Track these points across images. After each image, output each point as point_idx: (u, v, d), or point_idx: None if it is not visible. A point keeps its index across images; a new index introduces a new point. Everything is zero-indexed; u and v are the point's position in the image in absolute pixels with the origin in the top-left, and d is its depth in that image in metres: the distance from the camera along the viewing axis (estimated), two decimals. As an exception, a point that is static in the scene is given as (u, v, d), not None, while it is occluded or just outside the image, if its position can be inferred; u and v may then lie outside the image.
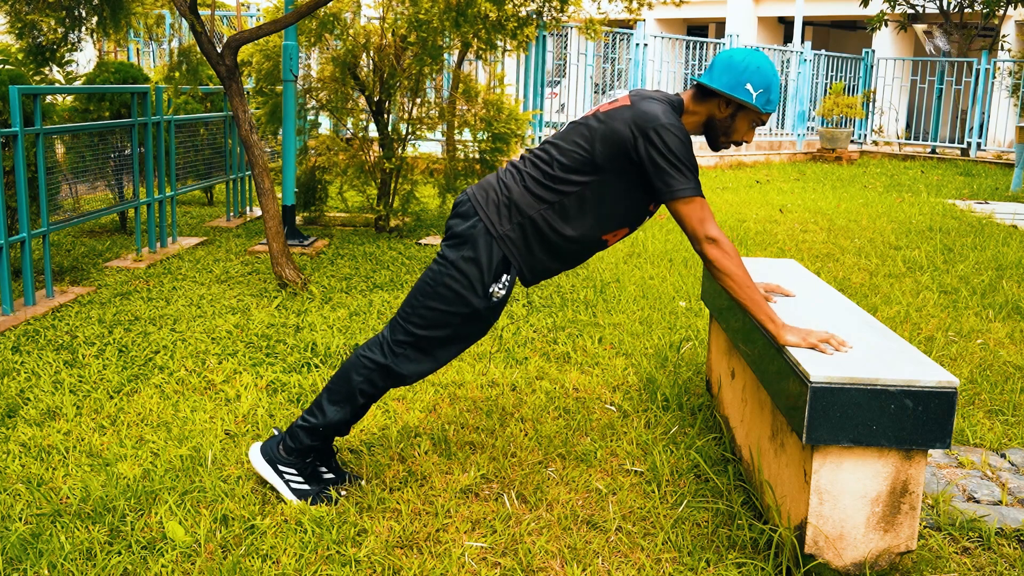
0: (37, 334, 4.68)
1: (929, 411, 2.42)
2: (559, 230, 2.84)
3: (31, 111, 5.17)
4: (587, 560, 2.69)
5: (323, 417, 2.96)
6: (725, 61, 2.80)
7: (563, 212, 2.82)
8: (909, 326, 5.16)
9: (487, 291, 2.84)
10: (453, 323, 2.88)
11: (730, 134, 2.88)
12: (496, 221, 2.82)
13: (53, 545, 2.66)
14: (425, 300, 2.88)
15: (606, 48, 14.43)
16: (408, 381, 2.97)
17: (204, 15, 7.08)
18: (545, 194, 2.82)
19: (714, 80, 2.80)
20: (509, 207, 2.83)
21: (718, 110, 2.84)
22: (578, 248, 2.91)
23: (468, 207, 2.87)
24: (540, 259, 2.89)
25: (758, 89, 2.77)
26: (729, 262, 2.68)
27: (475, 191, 2.90)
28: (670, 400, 3.91)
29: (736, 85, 2.77)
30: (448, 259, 2.85)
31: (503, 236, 2.82)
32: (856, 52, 19.82)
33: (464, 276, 2.82)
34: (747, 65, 2.77)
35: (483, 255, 2.82)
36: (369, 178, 7.92)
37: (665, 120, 2.70)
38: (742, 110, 2.83)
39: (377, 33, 7.69)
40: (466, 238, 2.83)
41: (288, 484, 2.98)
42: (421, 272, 6.25)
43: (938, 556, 2.76)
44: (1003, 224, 9.08)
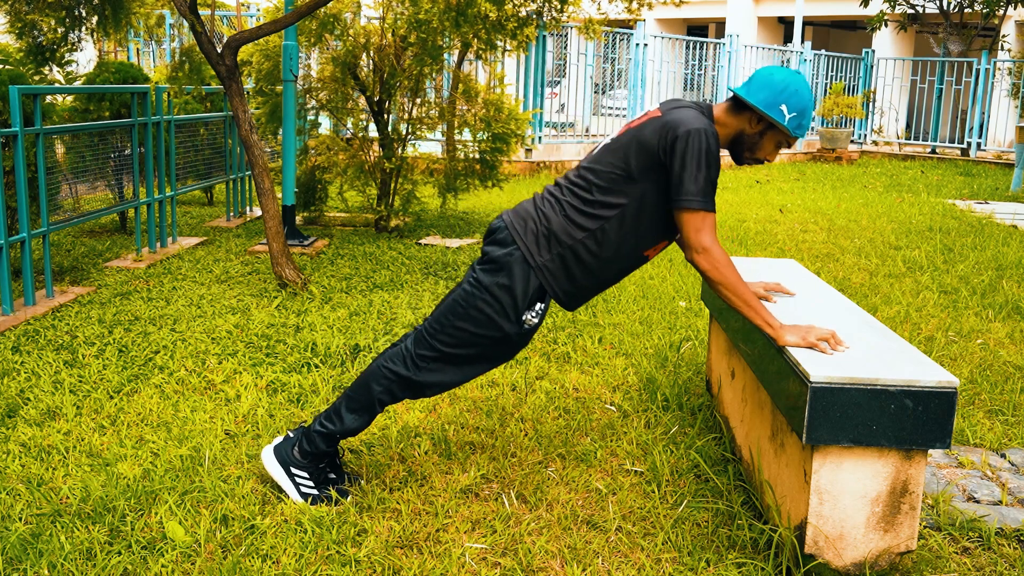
0: (37, 334, 4.68)
1: (929, 411, 2.42)
2: (601, 255, 2.82)
3: (31, 111, 5.17)
4: (587, 560, 2.69)
5: (341, 424, 2.95)
6: (765, 78, 2.79)
7: (604, 237, 2.80)
8: (909, 326, 5.16)
9: (520, 318, 2.83)
10: (482, 344, 2.87)
11: (755, 151, 2.88)
12: (535, 251, 2.81)
13: (53, 545, 2.66)
14: (455, 320, 2.86)
15: (606, 48, 14.43)
16: (429, 394, 2.96)
17: (204, 15, 7.08)
18: (586, 221, 2.80)
19: (751, 95, 2.78)
20: (548, 237, 2.81)
21: (749, 125, 2.83)
22: (620, 268, 2.90)
23: (506, 235, 2.85)
24: (582, 285, 2.88)
25: (792, 112, 2.77)
26: (719, 273, 2.66)
27: (512, 219, 2.87)
28: (670, 400, 3.91)
29: (772, 104, 2.76)
30: (482, 283, 2.83)
31: (542, 267, 2.81)
32: (856, 52, 19.82)
33: (497, 302, 2.81)
34: (786, 86, 2.76)
35: (519, 284, 2.80)
36: (369, 178, 7.92)
37: (696, 124, 2.68)
38: (772, 129, 2.82)
39: (377, 33, 7.69)
40: (502, 265, 2.81)
41: (298, 488, 2.97)
42: (422, 272, 6.26)
43: (938, 556, 2.76)
44: (1003, 224, 9.08)
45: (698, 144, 2.66)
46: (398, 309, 5.29)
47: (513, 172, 12.24)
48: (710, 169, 2.68)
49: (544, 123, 13.22)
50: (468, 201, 9.59)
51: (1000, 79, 16.62)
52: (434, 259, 6.73)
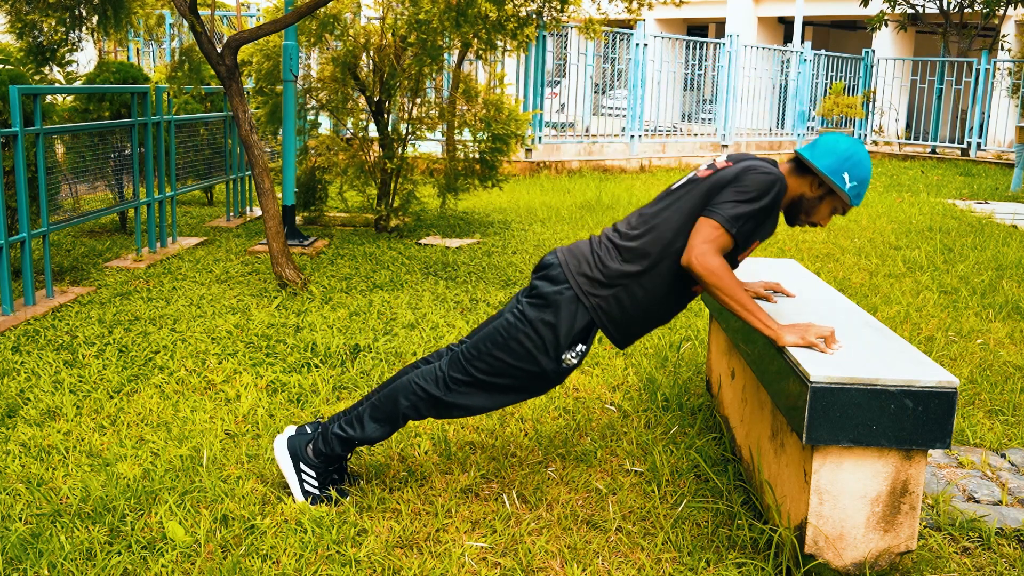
0: (37, 334, 4.68)
1: (929, 411, 2.42)
2: (655, 293, 2.83)
3: (31, 111, 5.17)
4: (587, 560, 2.69)
5: (362, 432, 2.95)
6: (831, 144, 2.81)
7: (660, 279, 2.81)
8: (909, 326, 5.16)
9: (559, 356, 2.83)
10: (517, 376, 2.87)
11: (811, 214, 2.89)
12: (589, 292, 2.81)
13: (53, 545, 2.66)
14: (493, 349, 2.85)
15: (606, 48, 14.43)
16: (454, 416, 2.96)
17: (204, 15, 7.08)
18: (642, 264, 2.80)
19: (816, 159, 2.80)
20: (604, 279, 2.81)
21: (810, 189, 2.85)
22: (672, 305, 2.90)
23: (559, 272, 2.85)
24: (635, 323, 2.89)
25: (854, 181, 2.79)
26: (715, 277, 2.66)
27: (567, 257, 2.88)
28: (670, 400, 3.91)
29: (836, 170, 2.78)
30: (527, 317, 2.83)
31: (596, 307, 2.81)
32: (856, 52, 19.82)
33: (539, 337, 2.81)
34: (851, 155, 2.79)
35: (564, 323, 2.80)
36: (369, 178, 7.92)
37: (767, 169, 2.74)
38: (831, 195, 2.84)
39: (377, 33, 7.69)
40: (551, 302, 2.81)
41: (303, 484, 2.97)
42: (422, 272, 6.26)
43: (938, 556, 2.76)
44: (1003, 224, 9.08)
45: (760, 180, 2.70)
46: (398, 309, 5.29)
47: (513, 172, 12.24)
48: (756, 206, 2.69)
49: (544, 123, 13.22)
50: (468, 201, 9.59)
51: (1000, 79, 16.62)
52: (434, 259, 6.73)
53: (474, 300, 5.57)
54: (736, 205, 2.68)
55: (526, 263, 6.68)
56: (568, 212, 9.20)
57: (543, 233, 7.99)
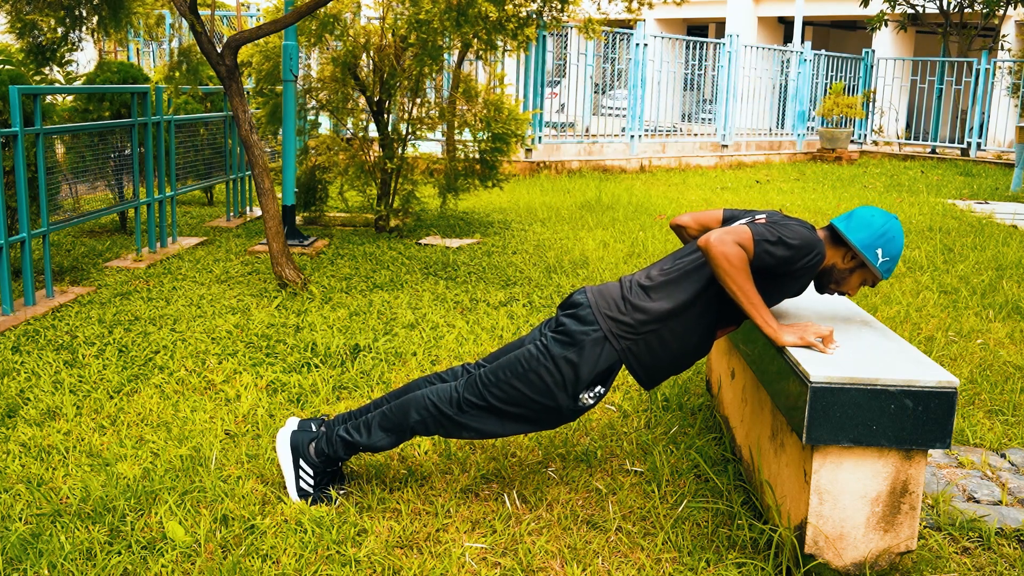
0: (37, 334, 4.68)
1: (929, 411, 2.42)
2: (686, 339, 2.84)
3: (31, 111, 5.17)
4: (587, 560, 2.69)
5: (368, 438, 2.95)
6: (867, 219, 2.83)
7: (688, 322, 2.82)
8: (909, 326, 5.16)
9: (577, 395, 2.83)
10: (532, 407, 2.87)
11: (841, 284, 2.90)
12: (619, 335, 2.81)
13: (53, 545, 2.66)
14: (512, 378, 2.86)
15: (606, 48, 14.43)
16: (463, 437, 2.95)
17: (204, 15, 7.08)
18: (670, 306, 2.81)
19: (851, 232, 2.82)
20: (634, 325, 2.81)
21: (842, 260, 2.86)
22: (697, 350, 2.91)
23: (588, 312, 2.85)
24: (663, 369, 2.90)
25: (886, 256, 2.81)
26: (730, 264, 2.66)
27: (597, 299, 2.88)
28: (670, 400, 3.91)
29: (869, 245, 2.80)
30: (551, 352, 2.83)
31: (627, 349, 2.81)
32: (856, 52, 19.82)
33: (560, 373, 2.81)
34: (885, 231, 2.80)
35: (587, 363, 2.80)
36: (369, 178, 7.92)
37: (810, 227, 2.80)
38: (863, 268, 2.85)
39: (377, 33, 7.69)
40: (576, 341, 2.81)
41: (299, 480, 2.97)
42: (422, 272, 6.26)
43: (938, 556, 2.76)
44: (1003, 224, 9.08)
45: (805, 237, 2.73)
46: (398, 309, 5.29)
47: (513, 172, 12.24)
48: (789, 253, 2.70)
49: (544, 123, 13.22)
50: (468, 201, 9.59)
51: (1000, 79, 16.62)
52: (434, 259, 6.73)
53: (474, 300, 5.57)
54: (774, 234, 2.70)
55: (526, 263, 6.68)
56: (568, 212, 9.20)
57: (543, 233, 7.99)
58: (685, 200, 10.55)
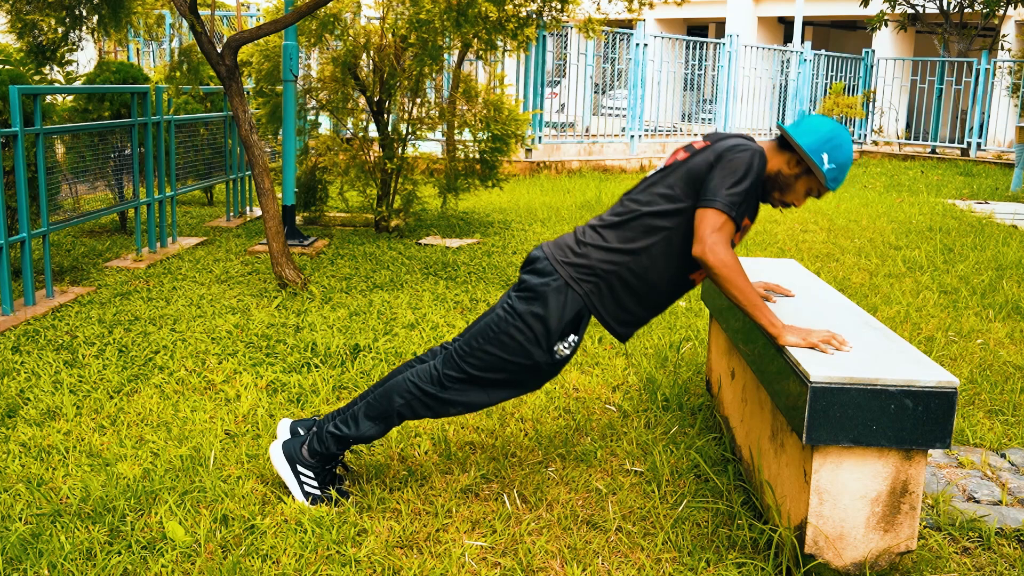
0: (37, 334, 4.68)
1: (929, 411, 2.42)
2: (647, 279, 2.83)
3: (31, 111, 5.17)
4: (587, 560, 2.69)
5: (356, 430, 2.95)
6: (815, 124, 2.81)
7: (651, 261, 2.81)
8: (909, 326, 5.16)
9: (551, 348, 2.83)
10: (510, 370, 2.87)
11: (786, 193, 2.88)
12: (578, 278, 2.81)
13: (53, 545, 2.66)
14: (485, 344, 2.86)
15: (606, 48, 14.43)
16: (450, 414, 2.96)
17: (204, 15, 7.08)
18: (629, 246, 2.80)
19: (799, 136, 2.80)
20: (590, 266, 2.81)
21: (787, 166, 2.84)
22: (667, 293, 2.90)
23: (546, 264, 2.85)
24: (630, 311, 2.88)
25: (832, 163, 2.78)
26: (726, 269, 2.65)
27: (552, 250, 2.88)
28: (670, 400, 3.91)
29: (816, 150, 2.77)
30: (517, 311, 2.83)
31: (587, 293, 2.80)
32: (856, 52, 19.82)
33: (530, 330, 2.81)
34: (832, 137, 2.78)
35: (554, 314, 2.80)
36: (369, 178, 7.92)
37: (747, 143, 2.74)
38: (808, 174, 2.83)
39: (377, 33, 7.69)
40: (539, 294, 2.81)
41: (303, 486, 2.97)
42: (422, 272, 6.26)
43: (938, 556, 2.76)
44: (1003, 224, 9.08)
45: (744, 158, 2.70)
46: (398, 309, 5.29)
47: (513, 172, 12.24)
48: (746, 184, 2.69)
49: (544, 123, 13.22)
50: (468, 201, 9.59)
51: (1000, 79, 16.62)
52: (434, 259, 6.73)
53: (474, 300, 5.57)
54: (729, 188, 2.68)
55: (526, 263, 6.67)
56: (568, 212, 9.20)
57: (543, 233, 7.99)
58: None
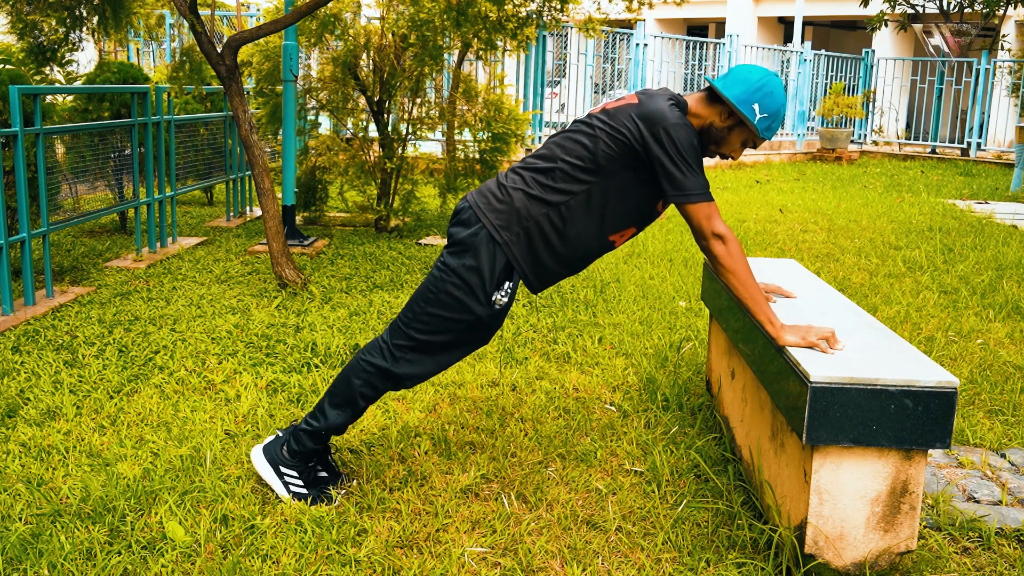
0: (37, 334, 4.68)
1: (929, 411, 2.42)
2: (565, 233, 2.82)
3: (31, 111, 5.17)
4: (587, 560, 2.69)
5: (325, 420, 2.96)
6: (742, 74, 2.79)
7: (569, 214, 2.80)
8: (909, 326, 5.16)
9: (489, 299, 2.82)
10: (455, 329, 2.87)
11: (721, 145, 2.86)
12: (500, 227, 2.80)
13: (53, 545, 2.66)
14: (427, 307, 2.86)
15: (606, 48, 14.42)
16: (408, 384, 2.97)
17: (204, 15, 7.08)
18: (550, 196, 2.80)
19: (726, 88, 2.78)
20: (511, 213, 2.80)
21: (719, 118, 2.82)
22: (585, 251, 2.89)
23: (470, 214, 2.84)
24: (546, 264, 2.87)
25: (764, 112, 2.76)
26: (733, 260, 2.67)
27: (476, 198, 2.87)
28: (670, 400, 3.91)
29: (745, 101, 2.76)
30: (450, 266, 2.83)
31: (507, 243, 2.80)
32: (856, 52, 19.82)
33: (466, 284, 2.81)
34: (761, 86, 2.76)
35: (485, 263, 2.80)
36: (369, 178, 7.92)
37: (673, 119, 2.69)
38: (741, 126, 2.82)
39: (377, 33, 7.69)
40: (468, 246, 2.81)
41: (288, 487, 2.98)
42: (422, 272, 6.26)
43: (938, 556, 2.76)
44: (1003, 224, 9.08)
45: (682, 138, 2.68)
46: (398, 309, 5.28)
47: (513, 172, 12.22)
48: (698, 160, 2.71)
49: (544, 123, 13.22)
50: (468, 201, 9.57)
51: (1000, 79, 16.62)
52: (434, 259, 6.73)
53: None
54: (691, 171, 2.68)
55: (526, 263, 6.67)
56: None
57: (543, 233, 7.98)
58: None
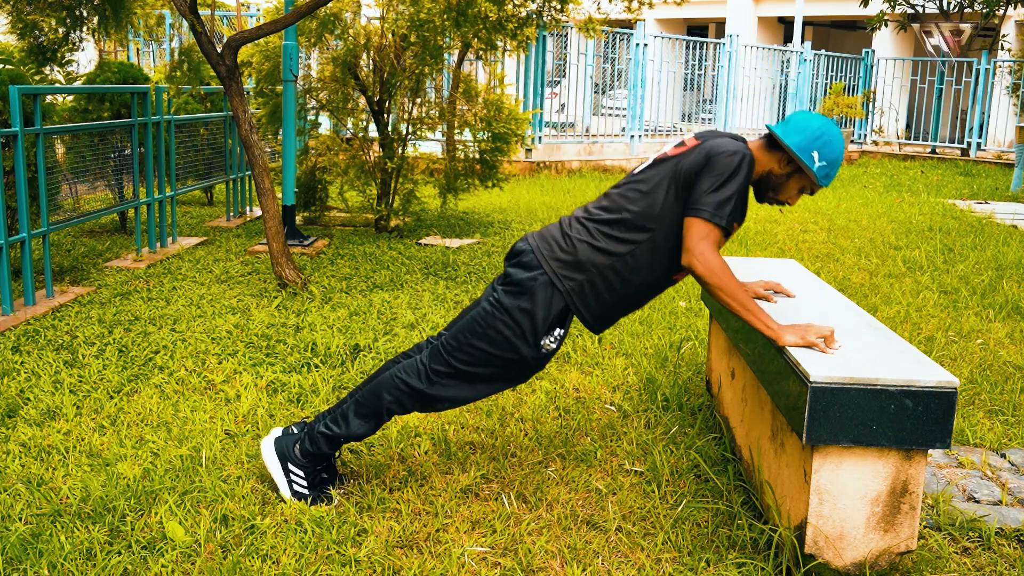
0: (37, 334, 4.68)
1: (929, 411, 2.42)
2: (630, 279, 2.82)
3: (31, 111, 5.17)
4: (587, 560, 2.69)
5: (347, 429, 2.95)
6: (803, 121, 2.80)
7: (635, 262, 2.80)
8: (909, 326, 5.16)
9: (538, 343, 2.82)
10: (497, 364, 2.87)
11: (779, 192, 2.87)
12: (563, 276, 2.80)
13: (53, 545, 2.66)
14: (472, 339, 2.85)
15: (606, 48, 14.42)
16: (438, 408, 2.96)
17: (204, 15, 7.08)
18: (616, 247, 2.79)
19: (787, 135, 2.79)
20: (576, 264, 2.80)
21: (778, 165, 2.83)
22: (648, 292, 2.90)
23: (531, 258, 2.84)
24: (610, 308, 2.88)
25: (823, 160, 2.77)
26: (716, 278, 2.64)
27: (538, 242, 2.87)
28: (670, 400, 3.91)
29: (805, 148, 2.76)
30: (503, 305, 2.82)
31: (569, 291, 2.80)
32: (856, 52, 19.81)
33: (517, 325, 2.81)
34: (821, 134, 2.77)
35: (540, 308, 2.79)
36: (369, 178, 7.92)
37: (731, 148, 2.71)
38: (799, 173, 2.82)
39: (377, 33, 7.69)
40: (525, 288, 2.81)
41: (291, 485, 2.97)
42: (422, 272, 6.26)
43: (938, 556, 2.76)
44: (1003, 224, 9.08)
45: (730, 163, 2.68)
46: (398, 309, 5.29)
47: (513, 172, 12.24)
48: (732, 188, 2.68)
49: (544, 123, 13.22)
50: (468, 201, 9.59)
51: (1000, 79, 16.62)
52: (434, 259, 6.73)
53: (474, 300, 5.56)
54: (715, 194, 2.67)
55: (526, 263, 6.67)
56: (568, 212, 9.19)
57: (543, 233, 7.98)
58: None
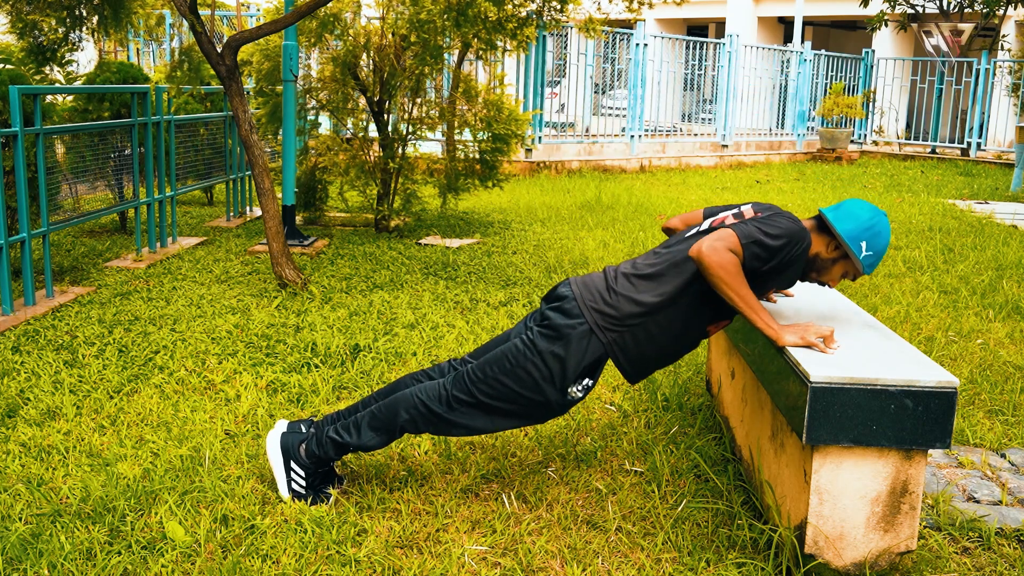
0: (37, 334, 4.68)
1: (929, 411, 2.42)
2: (672, 332, 2.83)
3: (31, 111, 5.17)
4: (587, 560, 2.69)
5: (358, 439, 2.94)
6: (855, 211, 2.82)
7: (676, 315, 2.81)
8: (909, 326, 5.16)
9: (565, 390, 2.83)
10: (521, 403, 2.86)
11: (822, 274, 2.89)
12: (604, 327, 2.80)
13: (53, 545, 2.66)
14: (499, 374, 2.85)
15: (606, 48, 14.43)
16: (454, 434, 2.95)
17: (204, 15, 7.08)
18: (659, 302, 2.80)
19: (838, 222, 2.81)
20: (618, 317, 2.80)
21: (825, 249, 2.85)
22: (686, 344, 2.91)
23: (573, 305, 2.83)
24: (650, 361, 2.89)
25: (869, 251, 2.79)
26: (724, 271, 2.64)
27: (582, 291, 2.87)
28: (670, 400, 3.91)
29: (855, 237, 2.78)
30: (537, 347, 2.82)
31: (610, 342, 2.80)
32: (856, 52, 19.81)
33: (547, 368, 2.80)
34: (872, 224, 2.79)
35: (573, 356, 2.79)
36: (369, 178, 7.92)
37: (793, 216, 2.78)
38: (845, 259, 2.84)
39: (377, 33, 7.69)
40: (562, 335, 2.80)
41: (291, 482, 2.97)
42: (422, 272, 6.26)
43: (938, 556, 2.76)
44: (1003, 224, 9.08)
45: (787, 225, 2.72)
46: (398, 309, 5.29)
47: (513, 172, 12.24)
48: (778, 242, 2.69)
49: (544, 123, 13.22)
50: (468, 201, 9.59)
51: (1000, 79, 16.62)
52: (434, 259, 6.73)
53: (474, 300, 5.57)
54: (758, 232, 2.69)
55: (526, 263, 6.68)
56: (568, 212, 9.20)
57: (543, 233, 7.99)
58: (685, 200, 10.55)
